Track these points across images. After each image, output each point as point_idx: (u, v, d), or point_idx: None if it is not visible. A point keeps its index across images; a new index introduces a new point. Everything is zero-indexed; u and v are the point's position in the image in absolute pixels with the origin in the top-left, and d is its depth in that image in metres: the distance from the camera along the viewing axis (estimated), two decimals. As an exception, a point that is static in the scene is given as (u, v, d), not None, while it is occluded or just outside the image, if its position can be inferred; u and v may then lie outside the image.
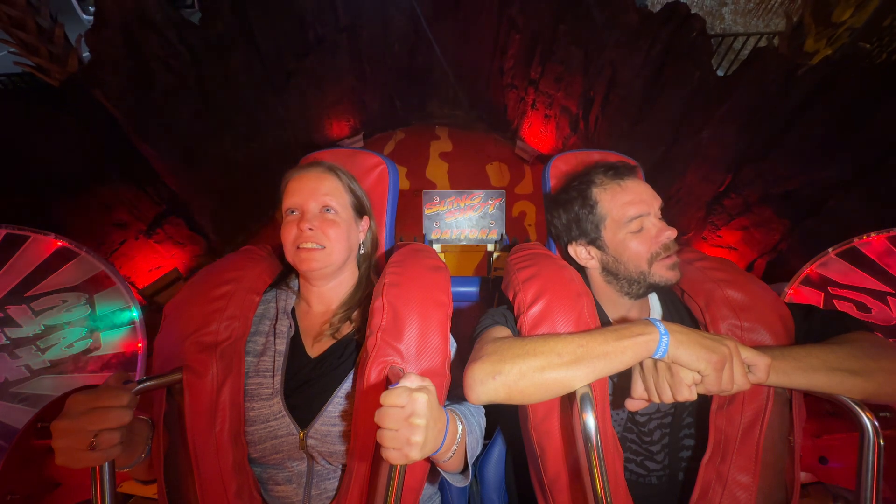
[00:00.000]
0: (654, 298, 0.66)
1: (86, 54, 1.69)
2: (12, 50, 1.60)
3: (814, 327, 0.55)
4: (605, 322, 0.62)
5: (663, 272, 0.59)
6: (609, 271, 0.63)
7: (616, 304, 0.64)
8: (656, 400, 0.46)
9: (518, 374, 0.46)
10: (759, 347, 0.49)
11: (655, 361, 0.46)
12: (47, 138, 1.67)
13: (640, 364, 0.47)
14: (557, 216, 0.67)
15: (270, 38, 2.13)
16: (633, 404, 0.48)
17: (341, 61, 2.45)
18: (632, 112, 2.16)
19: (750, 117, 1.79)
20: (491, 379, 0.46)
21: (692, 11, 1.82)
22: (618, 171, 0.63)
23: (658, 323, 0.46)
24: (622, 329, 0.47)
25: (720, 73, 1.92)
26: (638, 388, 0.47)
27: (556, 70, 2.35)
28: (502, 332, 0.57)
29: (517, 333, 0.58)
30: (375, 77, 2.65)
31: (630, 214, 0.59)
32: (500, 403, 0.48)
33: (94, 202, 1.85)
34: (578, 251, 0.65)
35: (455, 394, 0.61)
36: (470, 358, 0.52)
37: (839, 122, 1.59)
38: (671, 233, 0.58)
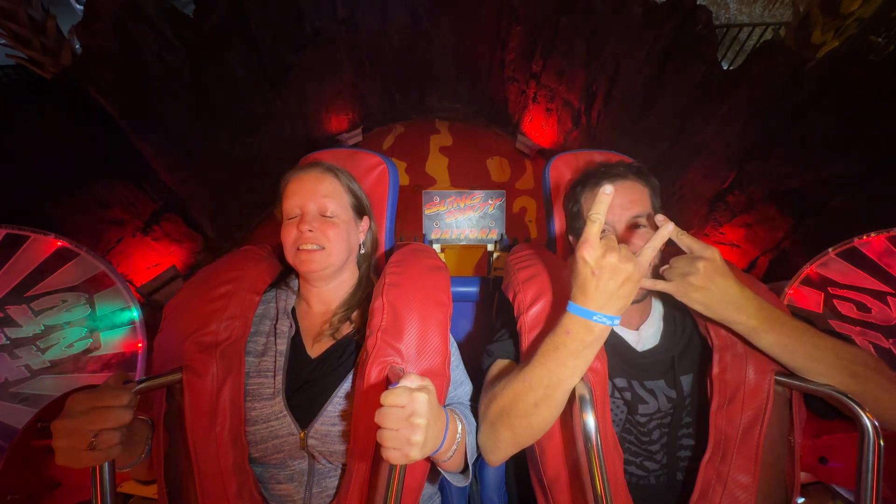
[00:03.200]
0: (654, 300, 0.66)
1: (79, 46, 1.66)
2: (4, 42, 1.57)
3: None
4: None
5: None
6: None
7: None
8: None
9: (511, 435, 0.50)
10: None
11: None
12: (40, 133, 1.65)
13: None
14: (566, 211, 0.73)
15: (267, 31, 2.09)
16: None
17: (340, 54, 2.41)
18: (635, 107, 2.13)
19: (755, 113, 1.77)
20: (497, 449, 0.52)
21: (698, 3, 1.78)
22: (598, 178, 0.65)
23: (596, 314, 0.44)
24: (571, 342, 0.45)
25: (724, 64, 1.89)
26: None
27: (558, 63, 2.31)
28: (500, 367, 0.59)
29: (518, 340, 0.58)
30: (374, 70, 2.61)
31: (591, 216, 0.62)
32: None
33: (89, 199, 1.84)
34: (574, 242, 0.71)
35: (455, 394, 0.61)
36: (479, 413, 0.56)
37: (846, 118, 1.57)
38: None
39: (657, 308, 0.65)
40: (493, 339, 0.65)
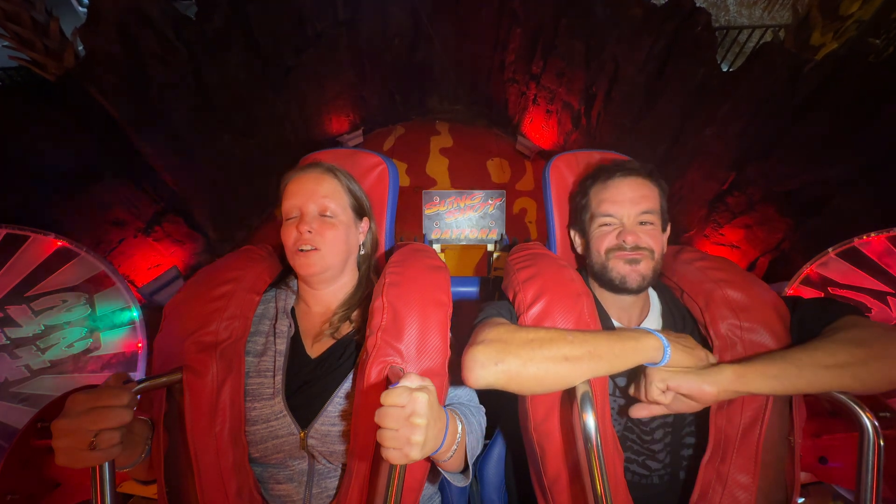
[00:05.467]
0: (653, 297, 0.66)
1: (82, 48, 1.67)
2: (7, 44, 1.58)
3: (804, 316, 0.54)
4: (604, 320, 0.62)
5: (620, 267, 0.61)
6: (588, 264, 0.68)
7: (618, 306, 0.64)
8: (637, 396, 0.50)
9: (521, 364, 0.46)
10: (747, 359, 0.50)
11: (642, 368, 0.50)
12: (43, 135, 1.66)
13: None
14: (572, 205, 0.74)
15: (268, 33, 2.10)
16: (636, 412, 0.51)
17: (340, 56, 2.42)
18: (634, 108, 2.14)
19: (754, 114, 1.78)
20: (493, 364, 0.46)
21: (697, 4, 1.79)
22: (611, 171, 0.66)
23: (660, 335, 0.50)
24: (625, 335, 0.50)
25: (724, 67, 1.89)
26: (631, 388, 0.52)
27: (557, 65, 2.32)
28: (505, 323, 0.57)
29: None
30: (375, 72, 2.62)
31: (601, 211, 0.64)
32: (495, 390, 0.48)
33: (91, 201, 1.84)
34: (574, 237, 0.72)
35: (455, 394, 0.61)
36: (471, 340, 0.51)
37: (844, 119, 1.58)
38: (631, 238, 0.61)
39: (656, 305, 0.66)
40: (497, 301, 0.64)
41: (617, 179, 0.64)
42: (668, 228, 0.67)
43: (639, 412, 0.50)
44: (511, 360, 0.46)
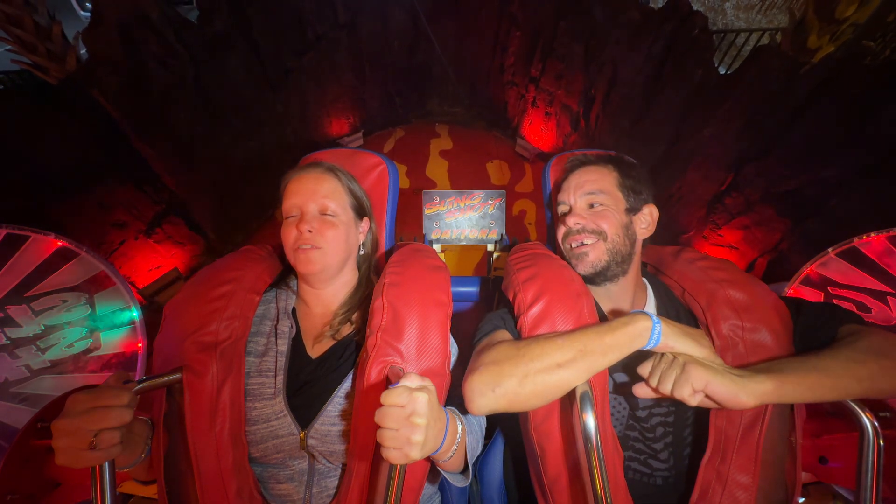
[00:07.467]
0: (649, 293, 0.66)
1: (84, 52, 1.68)
2: (10, 48, 1.59)
3: (809, 322, 0.54)
4: (600, 317, 0.62)
5: (570, 256, 0.65)
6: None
7: (608, 297, 0.64)
8: (653, 384, 0.47)
9: (517, 383, 0.46)
10: (756, 366, 0.48)
11: (675, 356, 0.47)
12: (45, 137, 1.67)
13: (661, 353, 0.48)
14: (553, 210, 0.76)
15: (269, 36, 2.12)
16: (639, 390, 0.49)
17: (340, 59, 2.44)
18: (633, 110, 2.15)
19: (752, 116, 1.79)
20: (491, 391, 0.47)
21: (694, 7, 1.80)
22: (567, 167, 0.71)
23: (651, 314, 0.49)
24: (614, 322, 0.49)
25: (722, 69, 1.91)
26: (645, 368, 0.48)
27: (556, 67, 2.34)
28: (502, 336, 0.57)
29: (517, 335, 0.58)
30: (375, 74, 2.64)
31: (556, 202, 0.70)
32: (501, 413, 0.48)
33: (92, 202, 1.85)
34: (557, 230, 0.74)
35: (454, 394, 0.61)
36: (468, 367, 0.52)
37: (842, 120, 1.59)
38: (573, 219, 0.64)
39: (651, 303, 0.66)
40: (496, 309, 0.65)
41: (570, 173, 0.69)
42: (651, 210, 0.66)
43: (643, 392, 0.48)
44: (507, 383, 0.46)
